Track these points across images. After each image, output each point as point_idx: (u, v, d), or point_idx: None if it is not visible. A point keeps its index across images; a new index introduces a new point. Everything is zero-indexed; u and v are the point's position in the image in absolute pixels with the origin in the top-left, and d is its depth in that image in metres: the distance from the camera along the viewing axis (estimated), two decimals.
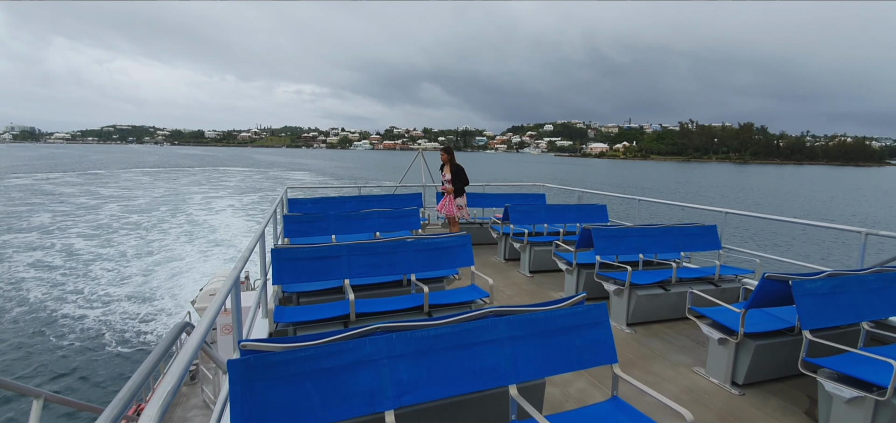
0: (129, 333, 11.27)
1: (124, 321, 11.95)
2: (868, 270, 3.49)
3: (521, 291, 5.89)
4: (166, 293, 14.05)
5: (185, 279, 15.26)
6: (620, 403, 2.33)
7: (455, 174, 7.66)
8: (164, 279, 15.31)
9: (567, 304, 2.40)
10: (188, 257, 17.82)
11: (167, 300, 13.49)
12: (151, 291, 14.23)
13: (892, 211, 33.18)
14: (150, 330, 11.49)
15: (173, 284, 14.90)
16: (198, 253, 18.43)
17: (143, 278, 15.34)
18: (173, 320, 11.85)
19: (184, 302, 12.83)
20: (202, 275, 15.19)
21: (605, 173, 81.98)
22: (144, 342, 10.81)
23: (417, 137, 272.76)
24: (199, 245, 19.64)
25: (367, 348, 1.99)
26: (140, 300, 13.45)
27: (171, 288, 14.51)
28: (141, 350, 10.38)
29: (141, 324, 11.83)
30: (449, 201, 7.70)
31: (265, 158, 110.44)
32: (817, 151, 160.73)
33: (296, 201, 7.33)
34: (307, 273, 3.82)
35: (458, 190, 7.83)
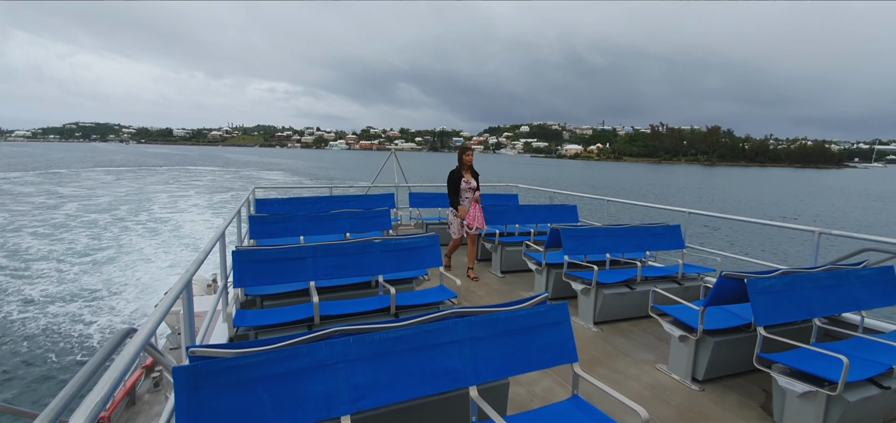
0: (76, 339, 10.75)
1: (75, 326, 11.37)
2: (820, 268, 3.63)
3: (492, 291, 5.90)
4: (130, 297, 13.53)
5: (149, 282, 14.72)
6: (580, 402, 2.34)
7: (477, 178, 6.37)
8: (127, 283, 14.74)
9: (529, 304, 2.40)
10: (153, 260, 17.21)
11: (130, 304, 12.99)
12: (110, 294, 13.67)
13: (845, 211, 34.89)
14: (105, 337, 11.02)
15: (137, 286, 14.36)
16: (163, 255, 17.82)
17: (101, 281, 14.72)
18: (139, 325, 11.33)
19: (149, 307, 12.37)
20: (170, 277, 14.69)
21: (580, 174, 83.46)
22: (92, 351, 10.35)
23: (394, 137, 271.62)
24: (164, 247, 18.99)
25: (323, 351, 1.93)
26: (97, 304, 12.89)
27: (135, 291, 13.98)
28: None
29: (96, 330, 11.32)
30: (479, 212, 6.21)
31: (237, 158, 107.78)
32: (780, 154, 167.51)
33: (264, 202, 7.16)
34: (271, 275, 3.72)
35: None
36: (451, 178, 6.15)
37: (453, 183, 6.14)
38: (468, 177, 6.21)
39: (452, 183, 6.14)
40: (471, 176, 6.23)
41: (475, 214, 6.09)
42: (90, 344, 10.42)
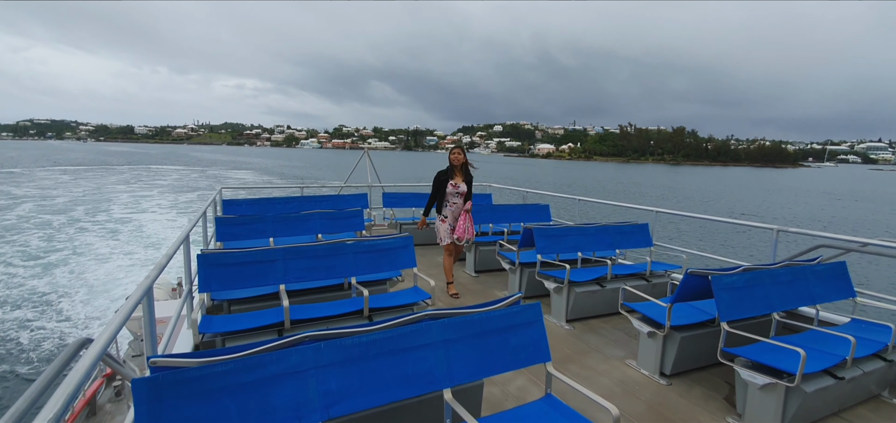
0: (27, 349, 10.15)
1: (25, 335, 10.73)
2: (779, 264, 3.79)
3: (467, 291, 5.91)
4: (89, 303, 12.89)
5: (110, 287, 14.07)
6: (553, 400, 2.37)
7: (469, 182, 5.54)
8: (85, 288, 14.04)
9: (502, 305, 2.41)
10: (115, 262, 16.46)
11: (87, 309, 12.38)
12: (65, 300, 12.99)
13: (801, 209, 36.74)
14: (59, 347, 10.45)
15: (98, 292, 13.70)
16: (126, 258, 17.07)
17: (56, 286, 13.97)
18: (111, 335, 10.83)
19: (110, 313, 11.82)
20: (134, 281, 14.08)
21: (552, 174, 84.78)
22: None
23: (368, 135, 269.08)
24: (126, 250, 18.19)
25: (293, 358, 1.88)
26: (50, 311, 12.22)
27: (95, 296, 13.33)
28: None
29: (48, 339, 10.73)
30: (469, 222, 5.45)
31: (204, 156, 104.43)
32: (741, 154, 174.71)
33: (231, 202, 6.94)
34: (238, 279, 3.61)
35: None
36: (436, 179, 5.47)
37: (437, 185, 5.44)
38: (458, 179, 5.39)
39: (436, 185, 5.46)
40: (461, 178, 5.39)
41: (464, 224, 5.34)
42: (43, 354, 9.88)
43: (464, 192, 5.39)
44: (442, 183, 5.42)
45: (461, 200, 5.41)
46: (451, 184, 5.38)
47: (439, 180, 5.44)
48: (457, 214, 5.40)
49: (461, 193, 5.40)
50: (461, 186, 5.39)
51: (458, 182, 5.40)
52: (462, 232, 5.37)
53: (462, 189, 5.39)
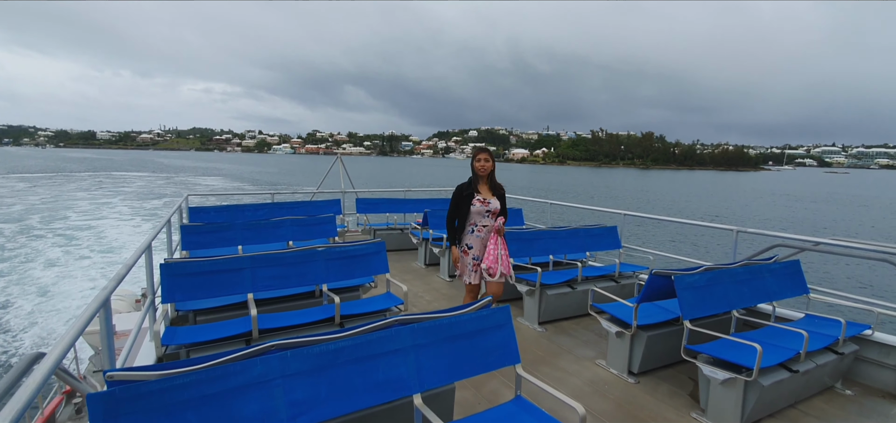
0: None
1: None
2: (738, 263, 3.95)
3: (441, 296, 5.92)
4: (47, 319, 12.26)
5: (70, 299, 13.42)
6: (523, 402, 2.40)
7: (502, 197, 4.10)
8: (44, 303, 13.36)
9: (472, 309, 2.43)
10: (76, 275, 15.72)
11: (44, 321, 11.77)
12: (23, 317, 12.33)
13: (760, 210, 38.35)
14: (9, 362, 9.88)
15: (55, 307, 13.05)
16: (88, 270, 16.33)
17: (12, 302, 13.26)
18: None
19: (67, 326, 11.25)
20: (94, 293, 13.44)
21: (527, 178, 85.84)
22: None
23: (342, 141, 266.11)
24: (87, 260, 17.41)
25: (258, 368, 1.85)
26: (5, 327, 11.59)
27: (54, 309, 12.69)
28: None
29: (6, 357, 10.18)
30: (503, 249, 3.95)
31: (172, 163, 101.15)
32: (706, 158, 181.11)
33: (198, 210, 6.75)
34: (204, 288, 3.51)
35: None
36: (456, 196, 4.00)
37: (458, 203, 3.97)
38: (485, 193, 3.98)
39: (457, 203, 3.98)
40: (489, 192, 4.01)
41: (497, 252, 3.86)
42: None
43: (496, 210, 3.93)
44: (464, 200, 3.93)
45: (491, 220, 3.95)
46: (479, 200, 3.91)
47: (461, 197, 3.96)
48: (486, 240, 3.94)
49: (492, 212, 3.93)
50: (492, 203, 3.92)
51: (487, 197, 3.95)
52: (493, 262, 3.82)
53: (494, 206, 3.92)
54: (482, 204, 3.92)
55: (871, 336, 3.70)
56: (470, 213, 3.93)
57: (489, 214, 3.94)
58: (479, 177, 4.01)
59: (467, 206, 3.92)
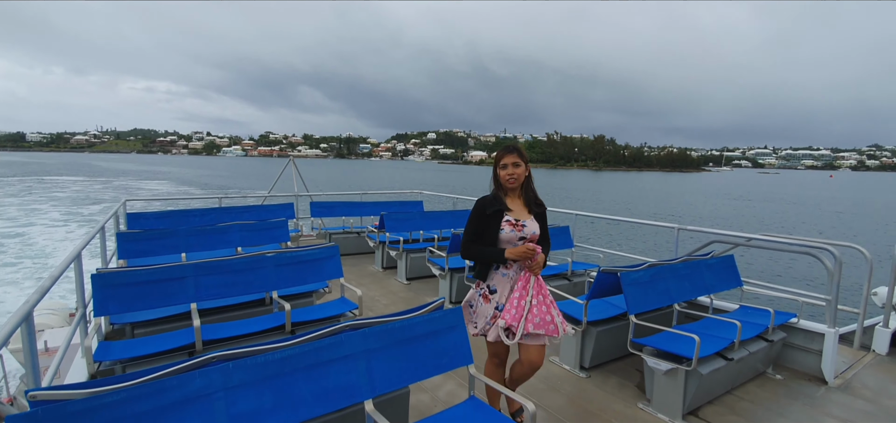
0: None
1: None
2: (678, 259, 4.17)
3: (398, 299, 5.87)
4: None
5: None
6: (477, 402, 2.41)
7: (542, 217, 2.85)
8: None
9: (424, 311, 2.42)
10: None
11: None
12: None
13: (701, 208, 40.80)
14: None
15: None
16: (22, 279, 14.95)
17: None
18: None
19: None
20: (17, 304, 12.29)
21: (486, 180, 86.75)
22: None
23: (297, 143, 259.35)
24: (11, 273, 15.95)
25: (197, 381, 1.75)
26: None
27: None
28: None
29: None
30: (539, 295, 2.65)
31: (111, 166, 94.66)
32: (653, 160, 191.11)
33: (137, 216, 6.34)
34: (142, 300, 3.30)
35: None
36: (475, 213, 2.71)
37: (479, 225, 2.68)
38: (518, 211, 2.71)
39: (477, 224, 2.69)
40: (524, 209, 2.74)
41: (526, 300, 2.57)
42: None
43: (534, 237, 2.67)
44: (490, 222, 2.64)
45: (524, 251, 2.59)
46: (509, 223, 2.62)
47: (483, 217, 2.67)
48: (515, 280, 2.64)
49: (529, 240, 2.65)
50: (528, 227, 2.65)
51: (522, 217, 2.68)
52: (515, 318, 2.53)
53: (530, 231, 2.65)
54: (514, 228, 2.58)
55: (797, 324, 4.01)
56: (499, 241, 2.62)
57: (523, 240, 2.60)
58: (507, 190, 2.70)
59: (494, 230, 2.60)
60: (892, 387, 3.76)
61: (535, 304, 2.58)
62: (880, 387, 3.76)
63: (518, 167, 2.66)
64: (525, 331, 2.52)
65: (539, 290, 2.62)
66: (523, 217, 2.68)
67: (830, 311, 3.88)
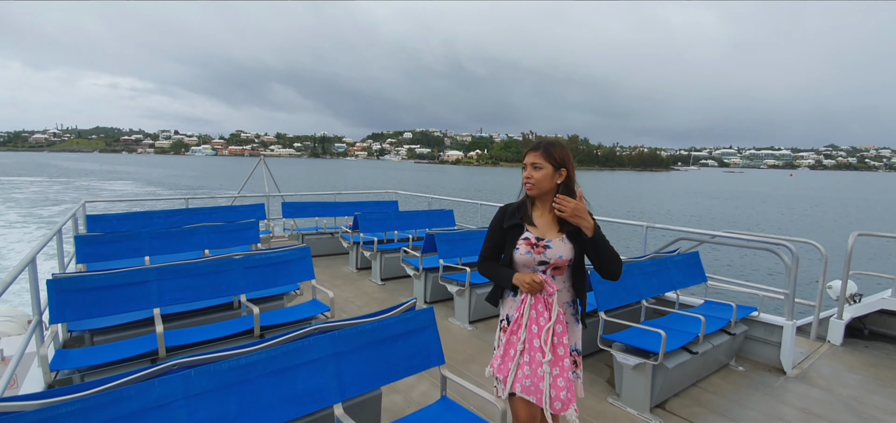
0: None
1: None
2: (646, 257, 4.28)
3: (372, 300, 5.82)
4: None
5: None
6: (449, 403, 2.41)
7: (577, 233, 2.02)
8: None
9: (396, 312, 2.40)
10: None
11: None
12: None
13: (669, 206, 42.03)
14: None
15: None
16: None
17: None
18: None
19: None
20: None
21: (462, 179, 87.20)
22: None
23: (270, 142, 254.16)
24: None
25: (157, 390, 1.69)
26: None
27: None
28: None
29: None
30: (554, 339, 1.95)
31: (71, 166, 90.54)
32: (625, 160, 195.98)
33: (98, 218, 6.08)
34: (102, 305, 3.16)
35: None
36: (493, 226, 2.18)
37: (493, 238, 2.17)
38: (543, 227, 2.07)
39: (492, 238, 2.17)
40: (553, 225, 2.06)
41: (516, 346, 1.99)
42: None
43: (561, 263, 2.03)
44: (506, 236, 2.12)
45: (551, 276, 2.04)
46: (526, 241, 2.04)
47: (498, 228, 2.15)
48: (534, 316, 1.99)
49: (552, 266, 2.03)
50: (552, 248, 2.01)
51: (547, 235, 2.04)
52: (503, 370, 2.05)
53: (555, 255, 2.01)
54: (532, 249, 1.99)
55: (758, 317, 4.17)
56: (514, 260, 2.06)
57: (545, 267, 2.00)
58: (532, 199, 2.09)
59: (511, 245, 2.06)
60: (846, 376, 3.96)
61: (528, 359, 1.92)
62: (834, 376, 3.95)
63: (539, 170, 2.00)
64: (512, 390, 1.95)
65: (547, 338, 1.90)
66: (549, 236, 2.00)
67: (788, 304, 4.05)
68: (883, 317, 4.84)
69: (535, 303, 1.98)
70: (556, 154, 2.02)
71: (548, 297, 1.97)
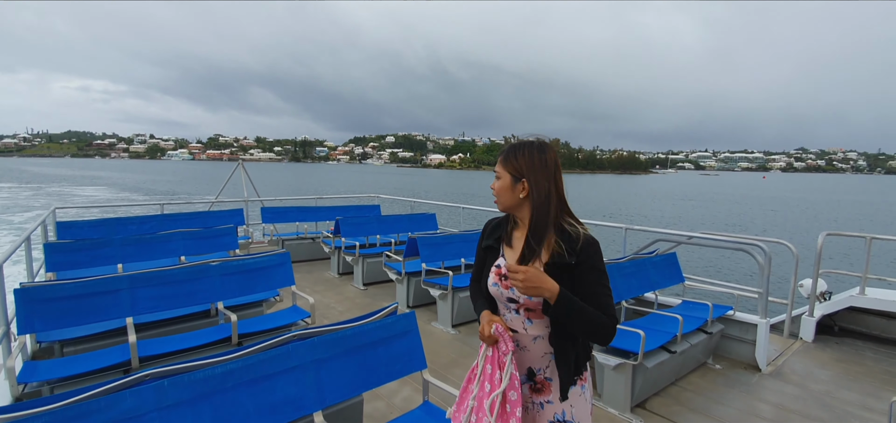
0: None
1: None
2: (626, 258, 4.34)
3: (355, 305, 5.76)
4: None
5: None
6: (430, 407, 2.40)
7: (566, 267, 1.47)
8: None
9: (377, 317, 2.38)
10: None
11: None
12: None
13: (647, 208, 42.87)
14: None
15: None
16: None
17: None
18: None
19: None
20: None
21: (445, 183, 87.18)
22: None
23: (249, 146, 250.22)
24: None
25: (128, 402, 1.63)
26: None
27: None
28: None
29: None
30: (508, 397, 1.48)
31: (42, 171, 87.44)
32: (605, 163, 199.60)
33: (69, 225, 5.88)
34: (72, 315, 3.05)
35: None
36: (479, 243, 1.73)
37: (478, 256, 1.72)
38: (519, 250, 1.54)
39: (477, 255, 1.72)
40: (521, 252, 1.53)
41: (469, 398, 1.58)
42: None
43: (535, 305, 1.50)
44: (484, 256, 1.69)
45: (522, 321, 1.55)
46: (497, 270, 1.58)
47: (479, 248, 1.73)
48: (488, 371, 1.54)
49: (520, 305, 1.54)
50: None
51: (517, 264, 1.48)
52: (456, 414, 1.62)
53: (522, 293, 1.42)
54: (500, 281, 1.56)
55: (734, 316, 4.27)
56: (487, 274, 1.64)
57: (513, 304, 1.56)
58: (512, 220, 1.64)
59: (487, 272, 1.64)
60: (817, 372, 4.08)
61: (475, 421, 1.51)
62: (807, 372, 4.07)
63: (498, 181, 1.60)
64: None
65: (492, 407, 1.46)
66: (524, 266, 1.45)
67: (762, 303, 4.16)
68: (851, 314, 5.01)
69: (492, 356, 1.52)
70: (518, 161, 1.55)
71: (501, 356, 1.50)
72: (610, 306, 1.45)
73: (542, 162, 1.54)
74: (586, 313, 1.41)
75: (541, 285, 1.38)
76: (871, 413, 3.43)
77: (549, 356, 1.54)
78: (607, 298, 1.46)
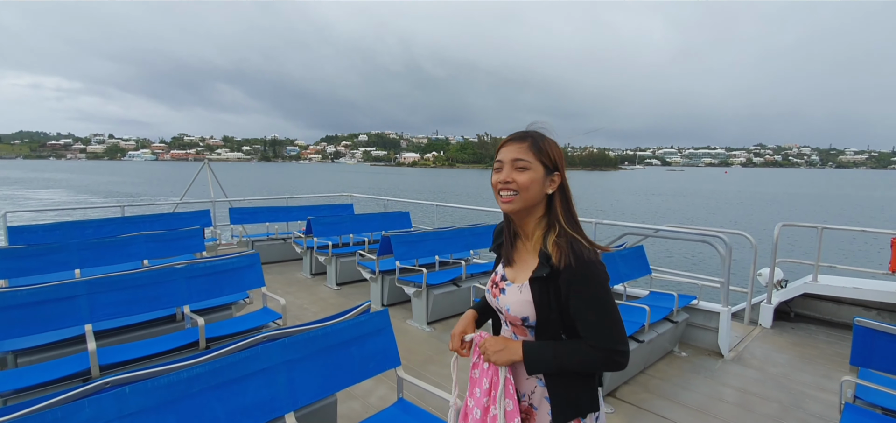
0: None
1: None
2: None
3: (328, 305, 5.69)
4: None
5: None
6: (405, 405, 2.40)
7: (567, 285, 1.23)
8: None
9: (349, 316, 2.36)
10: None
11: None
12: None
13: (616, 203, 44.05)
14: None
15: None
16: None
17: None
18: None
19: None
20: None
21: (418, 181, 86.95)
22: None
23: (216, 145, 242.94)
24: None
25: (87, 411, 1.56)
26: None
27: None
28: None
29: None
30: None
31: None
32: (576, 160, 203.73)
33: (20, 229, 5.56)
34: (26, 324, 2.89)
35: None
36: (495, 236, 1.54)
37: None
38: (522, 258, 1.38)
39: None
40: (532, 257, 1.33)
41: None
42: None
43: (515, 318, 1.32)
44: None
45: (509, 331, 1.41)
46: (494, 278, 1.45)
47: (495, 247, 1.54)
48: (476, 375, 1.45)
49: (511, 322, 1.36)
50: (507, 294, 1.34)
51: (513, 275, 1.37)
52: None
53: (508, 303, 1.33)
54: (493, 288, 1.44)
55: (698, 305, 4.44)
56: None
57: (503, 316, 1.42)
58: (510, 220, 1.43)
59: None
60: (775, 356, 4.29)
61: None
62: (766, 357, 4.27)
63: (524, 172, 1.30)
64: None
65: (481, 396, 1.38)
66: (519, 275, 1.35)
67: (724, 292, 4.34)
68: (806, 300, 5.28)
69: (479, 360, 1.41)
70: (551, 150, 1.33)
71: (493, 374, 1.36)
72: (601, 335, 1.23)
73: (564, 156, 1.37)
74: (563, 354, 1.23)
75: (510, 352, 1.30)
76: (824, 393, 3.64)
77: (536, 380, 1.33)
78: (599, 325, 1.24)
